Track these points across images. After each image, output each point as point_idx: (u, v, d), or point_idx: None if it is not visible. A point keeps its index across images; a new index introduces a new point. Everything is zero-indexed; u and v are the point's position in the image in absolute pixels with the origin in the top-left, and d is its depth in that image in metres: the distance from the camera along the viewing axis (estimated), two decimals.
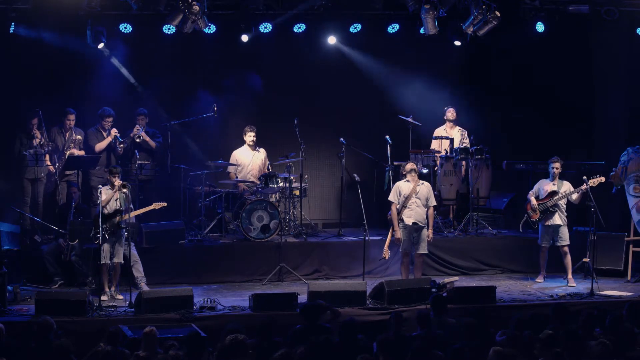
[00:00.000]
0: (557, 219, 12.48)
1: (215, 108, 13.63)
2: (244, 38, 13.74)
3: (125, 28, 13.33)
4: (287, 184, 13.40)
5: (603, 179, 12.31)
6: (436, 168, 13.99)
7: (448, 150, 13.92)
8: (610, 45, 14.37)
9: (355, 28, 14.07)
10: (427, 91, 14.96)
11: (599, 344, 7.71)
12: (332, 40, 14.24)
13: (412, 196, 11.98)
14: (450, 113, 14.24)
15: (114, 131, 13.34)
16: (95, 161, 13.23)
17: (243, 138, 13.70)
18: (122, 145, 13.33)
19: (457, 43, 14.14)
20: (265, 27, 13.62)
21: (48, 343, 8.33)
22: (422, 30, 13.40)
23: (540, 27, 13.94)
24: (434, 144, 14.21)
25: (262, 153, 13.83)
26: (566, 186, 12.58)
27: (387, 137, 13.88)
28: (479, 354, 7.74)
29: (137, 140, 13.45)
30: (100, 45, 13.17)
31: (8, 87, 13.10)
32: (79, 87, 13.78)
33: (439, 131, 14.27)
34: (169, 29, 13.13)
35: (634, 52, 14.18)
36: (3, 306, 10.52)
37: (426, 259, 12.55)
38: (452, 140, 14.08)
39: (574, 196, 12.44)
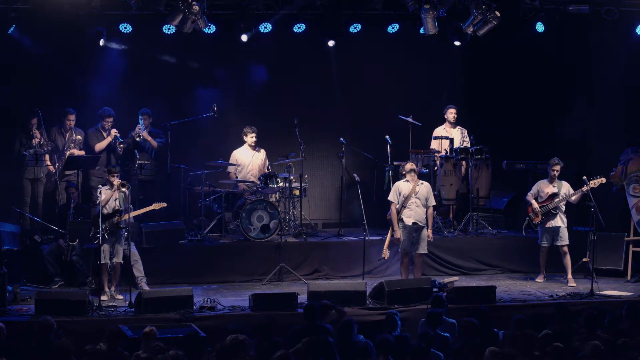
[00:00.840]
0: (558, 221, 12.49)
1: (215, 108, 13.62)
2: (244, 38, 13.71)
3: (125, 28, 13.31)
4: (287, 184, 13.39)
5: (604, 180, 12.31)
6: (436, 168, 13.97)
7: (448, 150, 13.89)
8: (610, 45, 14.35)
9: (355, 28, 14.03)
10: (427, 91, 14.96)
11: (594, 345, 7.70)
12: (331, 43, 14.21)
13: (411, 196, 11.98)
14: (452, 114, 14.19)
15: (114, 131, 13.34)
16: (95, 161, 13.24)
17: (243, 138, 13.71)
18: (122, 146, 13.32)
19: (457, 43, 14.12)
20: (265, 27, 13.61)
21: (48, 343, 8.33)
22: (422, 30, 13.38)
23: (540, 27, 13.92)
24: (434, 144, 14.18)
25: (262, 153, 13.83)
26: (565, 187, 12.57)
27: (387, 137, 13.88)
28: (479, 354, 7.74)
29: (137, 139, 13.44)
30: (102, 42, 13.17)
31: (8, 87, 13.09)
32: (79, 87, 13.78)
33: (439, 131, 14.24)
34: (169, 29, 13.12)
35: (634, 52, 14.17)
36: (3, 306, 10.52)
37: (426, 259, 12.55)
38: (452, 140, 14.05)
39: (574, 197, 12.44)
